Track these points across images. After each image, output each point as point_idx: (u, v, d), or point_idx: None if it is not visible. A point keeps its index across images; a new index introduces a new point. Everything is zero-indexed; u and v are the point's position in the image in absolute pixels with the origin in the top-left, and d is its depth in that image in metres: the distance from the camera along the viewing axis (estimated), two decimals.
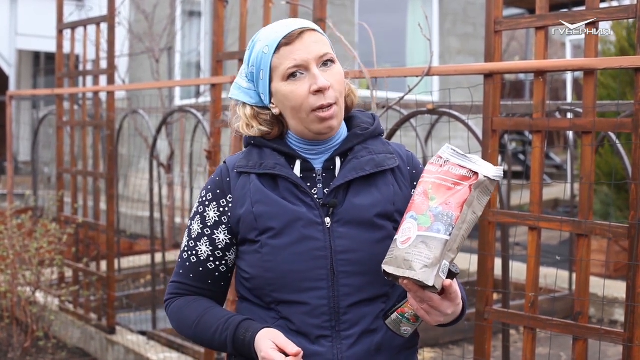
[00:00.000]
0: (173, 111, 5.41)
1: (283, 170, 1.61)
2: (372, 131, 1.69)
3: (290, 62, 1.57)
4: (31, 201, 6.72)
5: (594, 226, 2.38)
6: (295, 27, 1.59)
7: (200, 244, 1.68)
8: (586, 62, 2.37)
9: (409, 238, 1.45)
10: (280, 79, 1.59)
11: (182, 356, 4.23)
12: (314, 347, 1.57)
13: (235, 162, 1.68)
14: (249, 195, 1.62)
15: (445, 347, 4.83)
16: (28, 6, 13.02)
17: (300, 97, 1.57)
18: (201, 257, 1.68)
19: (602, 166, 6.60)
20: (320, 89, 1.55)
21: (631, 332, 2.27)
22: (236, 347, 1.59)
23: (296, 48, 1.57)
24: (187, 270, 1.70)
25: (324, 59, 1.59)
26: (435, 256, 1.41)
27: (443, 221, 1.43)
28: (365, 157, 1.64)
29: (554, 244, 7.11)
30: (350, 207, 1.60)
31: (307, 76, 1.57)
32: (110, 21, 4.53)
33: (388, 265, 1.46)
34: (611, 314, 5.49)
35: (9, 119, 6.48)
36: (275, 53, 1.59)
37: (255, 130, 1.66)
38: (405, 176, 1.68)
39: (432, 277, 1.41)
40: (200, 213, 1.69)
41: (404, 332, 1.57)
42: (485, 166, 1.47)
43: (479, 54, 10.08)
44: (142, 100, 7.40)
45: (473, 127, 3.32)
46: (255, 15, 6.86)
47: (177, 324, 1.72)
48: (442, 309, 1.48)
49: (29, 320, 4.53)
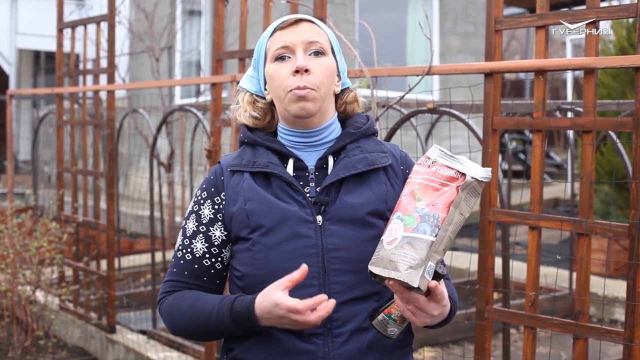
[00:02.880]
0: (173, 110, 5.41)
1: (276, 169, 1.62)
2: (365, 130, 1.69)
3: (279, 43, 1.62)
4: (31, 200, 6.72)
5: (594, 225, 2.38)
6: (295, 16, 1.64)
7: (196, 241, 1.68)
8: (586, 61, 2.37)
9: (395, 239, 1.45)
10: (270, 61, 1.64)
11: (183, 355, 4.23)
12: (306, 345, 1.57)
13: (229, 161, 1.69)
14: (241, 193, 1.62)
15: (445, 346, 4.83)
16: (28, 5, 13.01)
17: (282, 77, 1.61)
18: (196, 254, 1.67)
19: (603, 165, 6.60)
20: (298, 68, 1.58)
21: (631, 331, 2.27)
22: (235, 320, 1.56)
23: (287, 32, 1.63)
24: (182, 268, 1.69)
25: (313, 47, 1.62)
26: (420, 257, 1.41)
27: (429, 222, 1.43)
28: (357, 156, 1.64)
29: (555, 243, 7.11)
30: (342, 205, 1.60)
31: (293, 59, 1.61)
32: (111, 20, 4.53)
33: (374, 265, 1.46)
34: (611, 313, 5.49)
35: (9, 118, 6.48)
36: (270, 37, 1.65)
37: (247, 115, 1.69)
38: (398, 175, 1.68)
39: (417, 279, 1.40)
40: (195, 212, 1.69)
41: (390, 333, 1.57)
42: (473, 167, 1.47)
43: (479, 53, 10.08)
44: (143, 99, 7.41)
45: (473, 126, 3.32)
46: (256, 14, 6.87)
47: (170, 317, 1.67)
48: (427, 310, 1.48)
49: (29, 319, 4.53)
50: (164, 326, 4.72)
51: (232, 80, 3.40)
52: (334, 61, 1.65)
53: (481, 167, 1.47)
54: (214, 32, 3.59)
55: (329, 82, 1.63)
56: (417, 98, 3.37)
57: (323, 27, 1.66)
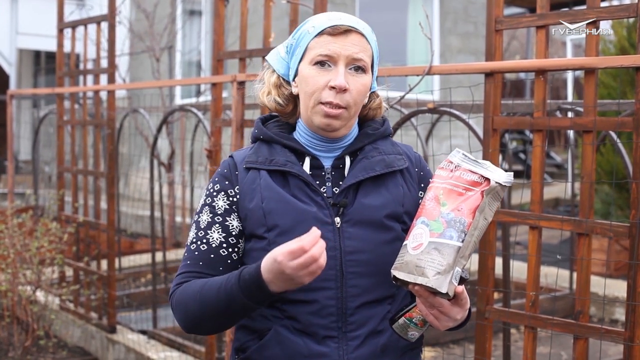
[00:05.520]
0: (173, 110, 5.41)
1: (294, 168, 1.59)
2: (383, 131, 1.68)
3: (324, 50, 1.57)
4: (32, 200, 6.71)
5: (594, 225, 2.38)
6: (347, 22, 1.58)
7: (211, 231, 1.61)
8: (587, 61, 2.37)
9: (421, 244, 1.43)
10: (308, 62, 1.59)
11: (183, 355, 4.23)
12: (320, 347, 1.56)
13: (244, 157, 1.66)
14: (258, 191, 1.59)
15: (445, 346, 4.83)
16: (28, 5, 13.01)
17: (316, 85, 1.57)
18: (212, 244, 1.60)
19: (603, 165, 6.60)
20: (336, 86, 1.54)
21: (632, 331, 2.27)
22: (245, 289, 1.46)
23: (335, 40, 1.57)
24: (196, 259, 1.61)
25: (356, 63, 1.58)
26: (448, 263, 1.40)
27: (455, 227, 1.42)
28: (375, 157, 1.63)
29: (555, 243, 7.11)
30: (360, 207, 1.58)
31: (332, 70, 1.57)
32: (111, 20, 4.53)
33: (398, 270, 1.45)
34: (612, 313, 5.49)
35: (10, 118, 6.48)
36: (317, 36, 1.59)
37: (272, 99, 1.66)
38: (414, 177, 1.67)
39: (445, 284, 1.39)
40: (209, 204, 1.64)
41: (411, 336, 1.56)
42: (496, 172, 1.46)
43: (479, 52, 10.07)
44: (143, 99, 7.41)
45: (474, 126, 3.32)
46: (256, 14, 6.86)
47: (182, 306, 1.57)
48: (451, 314, 1.46)
49: (29, 319, 4.53)
50: (165, 326, 4.74)
51: (233, 80, 3.40)
52: (371, 77, 1.62)
53: (503, 172, 1.47)
54: (214, 32, 3.59)
55: (362, 101, 1.61)
56: (417, 98, 3.37)
57: (371, 39, 1.61)
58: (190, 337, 4.41)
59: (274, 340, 1.58)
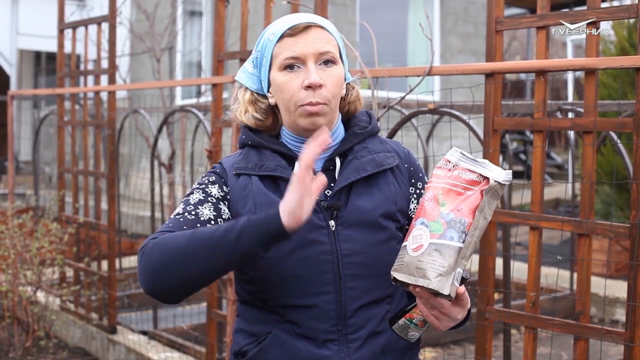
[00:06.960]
0: (174, 111, 5.41)
1: (285, 172, 1.58)
2: (371, 130, 1.67)
3: (289, 52, 1.55)
4: (32, 201, 6.72)
5: (595, 226, 2.38)
6: (303, 20, 1.57)
7: (203, 207, 1.56)
8: (587, 62, 2.37)
9: (421, 245, 1.42)
10: (277, 69, 1.57)
11: (184, 356, 4.23)
12: (321, 350, 1.56)
13: (232, 163, 1.64)
14: (251, 196, 1.58)
15: (446, 347, 4.83)
16: (29, 6, 13.01)
17: (292, 89, 1.55)
18: (201, 217, 1.54)
19: (604, 166, 6.60)
20: (311, 85, 1.53)
21: (632, 331, 2.27)
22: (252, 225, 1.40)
23: (297, 40, 1.55)
24: (180, 224, 1.52)
25: (324, 57, 1.56)
26: (449, 264, 1.39)
27: (456, 228, 1.41)
28: (365, 157, 1.62)
29: (555, 244, 7.11)
30: (353, 209, 1.57)
31: (303, 70, 1.55)
32: (111, 21, 4.53)
33: (398, 272, 1.43)
34: (612, 313, 5.49)
35: (10, 119, 6.48)
36: (278, 42, 1.57)
37: (250, 116, 1.64)
38: (404, 174, 1.66)
39: (447, 286, 1.38)
40: (202, 189, 1.60)
41: (411, 337, 1.56)
42: (495, 170, 1.45)
43: (480, 53, 10.07)
44: (143, 100, 7.41)
45: (474, 127, 3.32)
46: (256, 14, 6.87)
47: (159, 247, 1.45)
48: (452, 314, 1.45)
49: (30, 319, 4.53)
50: (165, 327, 4.74)
51: (233, 81, 3.40)
52: (342, 68, 1.61)
53: (502, 170, 1.45)
54: (214, 32, 3.59)
55: (339, 93, 1.60)
56: (417, 98, 3.37)
57: (332, 30, 1.59)
58: (191, 337, 4.41)
59: (274, 344, 1.57)
